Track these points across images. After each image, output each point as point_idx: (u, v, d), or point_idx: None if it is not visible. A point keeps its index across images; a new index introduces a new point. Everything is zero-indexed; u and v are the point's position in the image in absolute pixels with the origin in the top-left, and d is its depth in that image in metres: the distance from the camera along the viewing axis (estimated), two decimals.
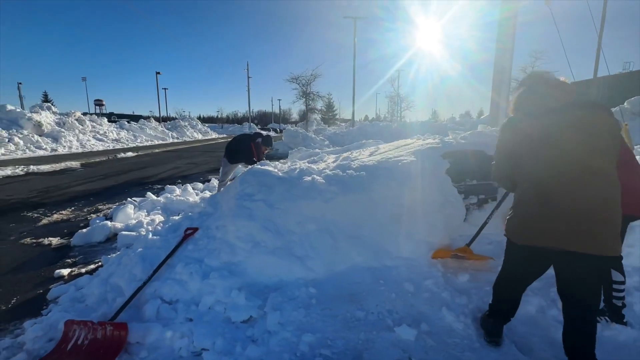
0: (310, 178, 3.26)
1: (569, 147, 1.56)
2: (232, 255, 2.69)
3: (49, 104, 21.32)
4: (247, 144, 5.11)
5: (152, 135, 26.01)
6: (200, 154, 16.23)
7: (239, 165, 5.41)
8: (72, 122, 19.31)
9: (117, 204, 5.57)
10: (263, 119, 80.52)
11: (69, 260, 3.57)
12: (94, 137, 20.03)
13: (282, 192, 3.13)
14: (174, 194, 5.76)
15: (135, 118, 38.11)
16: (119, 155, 14.22)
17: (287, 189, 3.16)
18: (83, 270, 3.30)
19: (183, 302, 2.33)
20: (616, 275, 2.13)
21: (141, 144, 21.90)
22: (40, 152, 14.60)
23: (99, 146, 18.58)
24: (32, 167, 9.92)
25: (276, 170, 3.50)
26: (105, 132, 21.37)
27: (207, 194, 5.97)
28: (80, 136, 18.84)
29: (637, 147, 4.05)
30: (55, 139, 16.79)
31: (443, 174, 3.26)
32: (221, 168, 5.39)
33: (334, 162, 4.23)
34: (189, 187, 6.17)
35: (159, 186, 7.48)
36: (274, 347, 1.95)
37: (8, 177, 8.57)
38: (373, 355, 1.89)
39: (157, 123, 31.68)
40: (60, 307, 2.51)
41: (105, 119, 24.42)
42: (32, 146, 14.92)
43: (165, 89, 50.37)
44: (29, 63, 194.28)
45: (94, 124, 21.81)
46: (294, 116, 77.66)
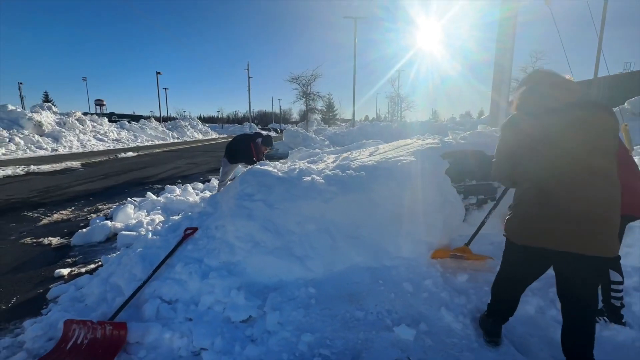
0: (309, 178, 3.26)
1: (569, 146, 1.55)
2: (232, 255, 2.69)
3: (50, 104, 21.37)
4: (247, 144, 5.11)
5: (152, 135, 26.04)
6: (200, 154, 16.24)
7: (239, 166, 5.41)
8: (72, 122, 19.34)
9: (117, 203, 5.58)
10: (263, 119, 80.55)
11: (69, 260, 3.58)
12: (94, 137, 20.07)
13: (282, 192, 3.13)
14: (174, 194, 5.77)
15: (136, 118, 38.15)
16: (119, 155, 14.23)
17: (286, 189, 3.16)
18: (83, 270, 3.31)
19: (182, 302, 2.34)
20: (614, 276, 2.12)
21: (141, 144, 21.93)
22: (41, 152, 14.63)
23: (100, 146, 18.60)
24: (32, 167, 9.94)
25: (276, 171, 3.50)
26: (105, 132, 21.41)
27: (207, 194, 5.97)
28: (81, 136, 18.87)
29: (636, 147, 4.05)
30: (56, 138, 16.82)
31: (442, 174, 3.26)
32: (221, 168, 5.39)
33: (333, 162, 4.23)
34: (189, 187, 6.18)
35: (159, 186, 7.49)
36: (273, 347, 1.95)
37: (8, 176, 8.58)
38: (372, 355, 1.90)
39: (158, 123, 31.72)
40: (60, 307, 2.52)
41: (106, 119, 24.50)
42: (32, 146, 14.95)
43: (165, 89, 50.66)
44: (29, 63, 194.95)
45: (95, 124, 21.85)
46: (295, 116, 77.72)
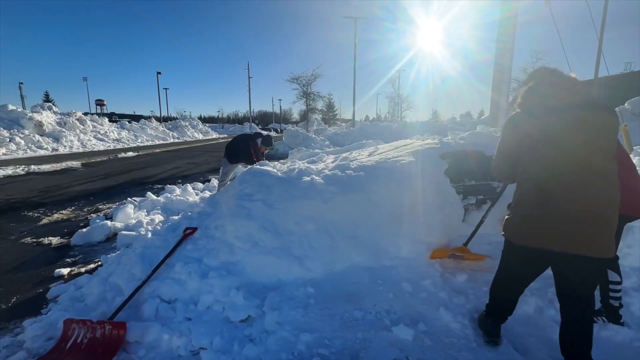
0: (309, 178, 3.27)
1: (569, 146, 1.55)
2: (231, 254, 2.70)
3: (50, 103, 21.41)
4: (247, 143, 5.12)
5: (152, 135, 26.06)
6: (200, 153, 16.25)
7: (239, 166, 5.42)
8: (73, 122, 19.36)
9: (117, 203, 5.59)
10: (264, 119, 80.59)
11: (68, 259, 3.58)
12: (94, 137, 20.09)
13: (281, 192, 3.14)
14: (174, 194, 5.77)
15: (136, 118, 38.17)
16: (119, 155, 14.25)
17: (286, 189, 3.17)
18: (83, 269, 3.32)
19: (182, 302, 2.34)
20: (612, 276, 2.13)
21: (142, 144, 21.95)
22: (41, 152, 14.64)
23: (100, 146, 18.62)
24: (32, 166, 9.95)
25: (275, 171, 3.51)
26: (106, 132, 21.43)
27: (207, 193, 5.98)
28: (81, 136, 18.88)
29: (636, 147, 4.05)
30: (56, 138, 16.84)
31: (442, 174, 3.26)
32: (221, 168, 5.40)
33: (333, 162, 4.23)
34: (189, 187, 6.19)
35: (159, 186, 7.50)
36: (272, 346, 1.95)
37: (9, 176, 8.60)
38: (370, 355, 1.90)
39: (158, 123, 31.74)
40: (59, 306, 2.53)
41: (106, 119, 24.53)
42: (33, 146, 14.96)
43: (166, 89, 50.78)
44: (30, 63, 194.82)
45: (95, 123, 21.87)
46: (295, 116, 77.78)
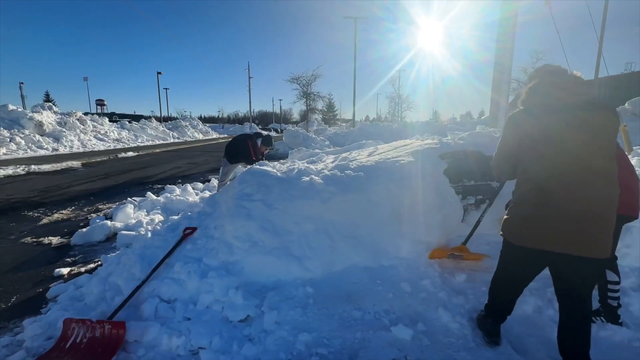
0: (308, 178, 3.27)
1: (569, 146, 1.55)
2: (230, 254, 2.70)
3: (51, 103, 21.43)
4: (246, 143, 5.13)
5: (153, 135, 26.07)
6: (200, 153, 16.26)
7: (239, 166, 5.42)
8: (73, 121, 19.38)
9: (117, 203, 5.59)
10: (264, 119, 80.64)
11: (68, 259, 3.59)
12: (95, 136, 20.11)
13: (281, 192, 3.14)
14: (174, 194, 5.78)
15: (137, 118, 38.18)
16: (119, 155, 14.26)
17: (285, 189, 3.17)
18: (82, 269, 3.32)
19: (181, 301, 2.35)
20: (611, 276, 2.13)
21: (142, 144, 21.96)
22: (42, 152, 14.66)
23: (100, 146, 18.64)
24: (33, 166, 9.96)
25: (275, 171, 3.51)
26: (106, 132, 21.44)
27: (207, 193, 5.98)
28: (82, 136, 18.90)
29: (635, 148, 4.05)
30: (57, 138, 16.86)
31: (441, 174, 3.26)
32: (221, 168, 5.41)
33: (332, 162, 4.24)
34: (189, 187, 6.19)
35: (159, 186, 7.51)
36: (270, 346, 1.96)
37: (9, 176, 8.61)
38: (369, 354, 1.90)
39: (158, 123, 31.76)
40: (59, 306, 2.53)
41: (107, 119, 24.54)
42: (33, 146, 14.98)
43: (166, 89, 50.91)
44: (30, 63, 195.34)
45: (95, 123, 21.88)
46: (295, 116, 77.79)
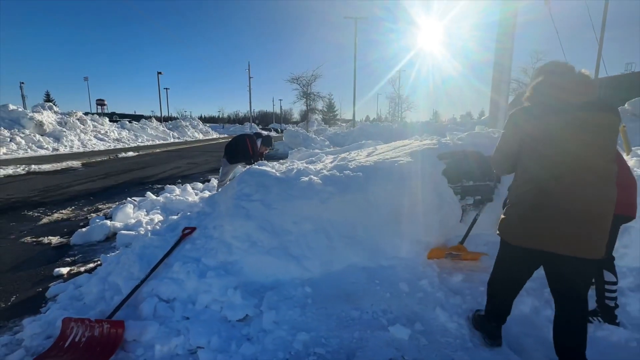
0: (307, 178, 3.28)
1: (569, 146, 1.56)
2: (229, 254, 2.71)
3: (51, 103, 21.47)
4: (246, 144, 5.14)
5: (153, 135, 26.08)
6: (200, 153, 16.27)
7: (239, 166, 5.43)
8: (73, 121, 19.40)
9: (117, 203, 5.60)
10: (264, 119, 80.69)
11: (68, 259, 3.60)
12: (95, 136, 20.12)
13: (279, 192, 3.15)
14: (174, 194, 5.79)
15: (137, 118, 38.20)
16: (120, 155, 14.28)
17: (284, 189, 3.18)
18: (82, 268, 3.33)
19: (180, 301, 2.35)
20: (608, 276, 2.14)
21: (142, 144, 21.98)
22: (42, 152, 14.68)
23: (100, 146, 18.67)
24: (33, 166, 9.98)
25: (274, 171, 3.52)
26: (106, 132, 21.46)
27: (207, 193, 5.99)
28: (82, 136, 18.92)
29: (635, 148, 4.05)
30: (57, 138, 16.88)
31: (439, 174, 3.27)
32: (221, 168, 5.42)
33: (331, 162, 4.24)
34: (189, 187, 6.20)
35: (159, 186, 7.52)
36: (269, 346, 1.97)
37: (9, 176, 8.62)
38: (367, 354, 1.91)
39: (159, 123, 31.79)
40: (58, 305, 2.54)
41: (107, 119, 24.57)
42: (33, 145, 15.00)
43: (166, 89, 51.17)
44: (31, 63, 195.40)
45: (96, 123, 21.91)
46: (295, 116, 77.78)
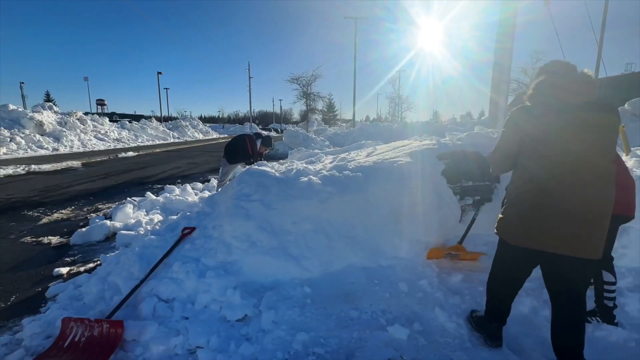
0: (306, 178, 3.28)
1: (569, 146, 1.56)
2: (228, 254, 2.72)
3: (51, 103, 21.46)
4: (246, 144, 5.15)
5: (153, 135, 26.09)
6: (200, 153, 16.28)
7: (238, 166, 5.44)
8: (73, 121, 19.40)
9: (116, 203, 5.61)
10: (264, 119, 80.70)
11: (68, 258, 3.60)
12: (95, 136, 20.12)
13: (279, 192, 3.15)
14: (174, 194, 5.79)
15: (137, 118, 38.18)
16: (119, 155, 14.28)
17: (283, 189, 3.18)
18: (82, 268, 3.34)
19: (179, 301, 2.36)
20: (607, 276, 2.14)
21: (142, 144, 21.98)
22: (42, 152, 14.68)
23: (100, 146, 18.66)
24: (33, 166, 9.98)
25: (273, 171, 3.52)
26: (106, 132, 21.46)
27: (207, 193, 5.99)
28: (82, 136, 18.92)
29: (634, 149, 4.05)
30: (57, 138, 16.88)
31: (439, 175, 3.27)
32: (221, 168, 5.42)
33: (331, 162, 4.25)
34: (188, 187, 6.20)
35: (159, 186, 7.52)
36: (268, 345, 1.97)
37: (9, 176, 8.63)
38: (365, 354, 1.92)
39: (159, 123, 31.79)
40: (58, 305, 2.54)
41: (107, 119, 24.57)
42: (33, 145, 15.00)
43: (166, 89, 51.21)
44: (31, 63, 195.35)
45: (96, 123, 21.91)
46: (295, 116, 77.79)
